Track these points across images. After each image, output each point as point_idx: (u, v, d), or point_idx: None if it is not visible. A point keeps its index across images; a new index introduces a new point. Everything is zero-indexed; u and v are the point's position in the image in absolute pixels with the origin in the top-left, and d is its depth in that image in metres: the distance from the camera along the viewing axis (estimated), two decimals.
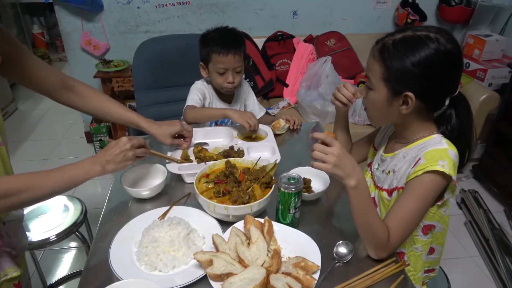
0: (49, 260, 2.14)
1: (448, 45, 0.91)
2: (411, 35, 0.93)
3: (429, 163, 0.93)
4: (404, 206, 0.94)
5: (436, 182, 0.93)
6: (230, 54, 1.49)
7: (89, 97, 1.23)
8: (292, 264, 0.90)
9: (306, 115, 2.49)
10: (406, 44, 0.92)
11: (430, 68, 0.91)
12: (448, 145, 0.96)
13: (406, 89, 0.93)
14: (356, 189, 0.90)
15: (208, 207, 1.05)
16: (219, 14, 2.85)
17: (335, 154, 0.88)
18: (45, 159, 3.09)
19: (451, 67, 0.94)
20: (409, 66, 0.91)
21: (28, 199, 0.91)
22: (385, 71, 0.94)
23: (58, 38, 4.90)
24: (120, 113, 1.27)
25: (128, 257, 0.96)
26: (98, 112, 1.26)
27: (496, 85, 2.68)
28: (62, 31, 2.79)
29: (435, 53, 0.90)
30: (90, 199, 1.90)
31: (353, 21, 3.00)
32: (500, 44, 2.76)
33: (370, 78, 1.00)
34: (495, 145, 2.66)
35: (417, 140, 1.03)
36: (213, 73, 1.56)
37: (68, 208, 1.62)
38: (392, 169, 1.06)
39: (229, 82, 1.54)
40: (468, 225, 2.36)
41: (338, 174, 0.89)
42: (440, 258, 1.15)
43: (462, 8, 2.87)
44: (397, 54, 0.92)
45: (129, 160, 1.08)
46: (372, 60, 0.98)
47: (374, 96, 1.00)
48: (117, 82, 2.74)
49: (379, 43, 0.97)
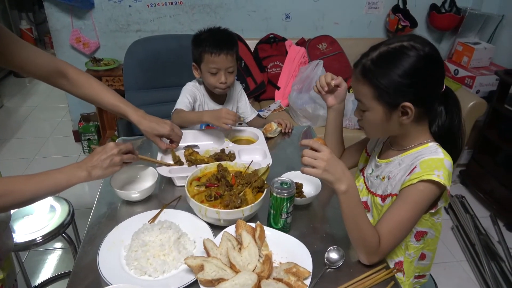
0: (34, 261, 2.10)
1: (426, 48, 0.92)
2: (387, 50, 0.94)
3: (425, 172, 0.93)
4: (397, 212, 0.95)
5: (430, 191, 0.94)
6: (223, 54, 1.48)
7: (82, 84, 1.21)
8: (283, 270, 0.89)
9: (297, 118, 2.50)
10: (386, 59, 0.93)
11: (417, 75, 0.92)
12: (444, 155, 0.97)
13: (402, 101, 0.94)
14: (346, 194, 0.90)
15: (199, 211, 1.04)
16: (212, 15, 2.84)
17: (324, 159, 0.89)
18: (31, 157, 3.03)
19: (435, 67, 0.95)
20: (397, 79, 0.92)
21: (8, 204, 0.89)
22: (375, 90, 0.95)
23: (47, 34, 4.82)
24: (112, 104, 1.25)
25: (117, 261, 0.94)
26: (90, 99, 1.25)
27: (483, 92, 2.73)
28: (51, 27, 2.75)
29: (417, 59, 0.91)
30: (77, 200, 1.86)
31: (345, 25, 3.02)
32: (488, 52, 2.80)
33: (361, 100, 1.00)
34: (482, 151, 2.71)
35: (413, 148, 1.03)
36: (206, 73, 1.55)
37: (55, 208, 1.59)
38: (387, 175, 1.07)
39: (221, 82, 1.53)
40: (455, 230, 2.40)
41: (328, 179, 0.90)
42: (431, 264, 1.16)
43: (452, 16, 2.92)
44: (380, 71, 0.93)
45: (116, 166, 1.06)
46: (357, 83, 0.99)
47: (371, 116, 1.00)
48: (107, 81, 2.70)
49: (358, 66, 0.98)
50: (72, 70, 1.20)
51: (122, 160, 1.07)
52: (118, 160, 1.05)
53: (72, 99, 2.99)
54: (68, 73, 1.18)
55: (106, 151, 1.04)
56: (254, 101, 2.84)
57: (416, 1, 2.96)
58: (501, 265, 2.06)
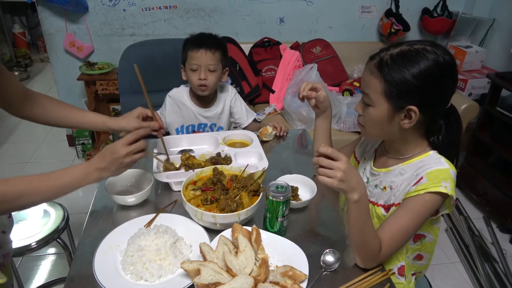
0: (28, 267, 2.08)
1: (446, 57, 0.92)
2: (408, 49, 0.93)
3: (432, 184, 0.93)
4: (400, 220, 0.95)
5: (436, 201, 0.94)
6: (202, 49, 1.53)
7: (53, 106, 1.18)
8: (280, 273, 0.90)
9: (292, 121, 2.51)
10: (405, 58, 0.92)
11: (430, 79, 0.91)
12: (449, 165, 0.97)
13: (408, 103, 0.93)
14: (358, 203, 0.90)
15: (195, 215, 1.04)
16: (206, 19, 2.84)
17: (341, 169, 0.87)
18: (24, 162, 3.01)
19: (449, 77, 0.94)
20: (411, 79, 0.91)
21: (23, 204, 0.90)
22: (386, 85, 0.93)
23: (40, 38, 4.81)
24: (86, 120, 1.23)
25: (113, 266, 0.94)
26: (65, 120, 1.21)
27: (475, 95, 2.76)
28: (44, 31, 2.74)
29: (435, 64, 0.90)
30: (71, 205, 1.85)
31: (338, 29, 3.04)
32: (479, 56, 2.84)
33: (368, 94, 0.98)
34: (475, 154, 2.74)
35: (413, 157, 1.03)
36: (188, 72, 1.60)
37: (49, 213, 1.58)
38: (388, 185, 1.06)
39: (200, 78, 1.55)
40: (449, 232, 2.41)
41: (342, 189, 0.89)
42: (428, 264, 1.17)
43: (444, 20, 2.95)
44: (397, 68, 0.92)
45: (127, 167, 1.04)
46: (369, 76, 0.96)
47: (374, 113, 0.98)
48: (101, 85, 2.70)
49: (375, 58, 0.96)
50: (41, 94, 1.18)
51: (133, 161, 1.04)
52: (129, 162, 1.03)
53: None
54: (37, 96, 1.16)
55: (115, 155, 1.01)
56: (249, 104, 2.84)
57: (409, 5, 2.99)
58: (494, 266, 2.08)
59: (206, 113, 1.70)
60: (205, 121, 1.71)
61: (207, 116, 1.70)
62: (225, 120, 1.75)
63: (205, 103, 1.70)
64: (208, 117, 1.71)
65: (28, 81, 4.48)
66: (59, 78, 2.91)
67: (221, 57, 1.58)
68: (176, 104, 1.69)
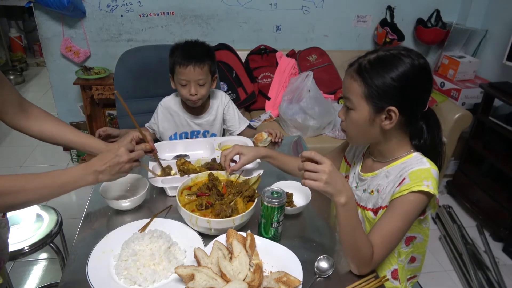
0: (19, 271, 2.05)
1: (421, 60, 0.97)
2: (385, 54, 0.98)
3: (415, 183, 0.95)
4: (389, 223, 0.96)
5: (420, 200, 0.96)
6: (191, 65, 1.49)
7: (45, 119, 1.16)
8: (274, 279, 0.90)
9: (287, 128, 2.52)
10: (383, 62, 0.96)
11: (408, 81, 0.95)
12: (430, 164, 1.00)
13: (388, 104, 0.96)
14: (346, 206, 0.91)
15: (190, 220, 1.04)
16: (203, 26, 2.86)
17: (326, 172, 0.89)
18: (18, 166, 2.99)
19: (426, 79, 0.99)
20: (389, 81, 0.94)
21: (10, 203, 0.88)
22: (366, 88, 0.97)
23: (36, 42, 4.81)
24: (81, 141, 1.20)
25: (106, 270, 0.94)
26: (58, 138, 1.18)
27: (469, 104, 2.80)
28: (41, 36, 2.74)
29: (411, 67, 0.95)
30: (65, 209, 1.84)
31: (334, 38, 3.08)
32: (472, 65, 2.88)
33: (350, 98, 1.01)
34: (468, 162, 2.76)
35: (397, 159, 1.05)
36: (177, 85, 1.57)
37: (42, 218, 1.57)
38: (375, 188, 1.08)
39: (191, 94, 1.54)
40: (442, 240, 2.42)
41: (329, 192, 0.90)
42: (421, 266, 1.18)
43: (438, 30, 3.00)
44: (375, 71, 0.96)
45: (125, 172, 1.06)
46: (350, 80, 1.00)
47: (356, 116, 1.01)
48: (97, 89, 2.69)
49: (354, 64, 1.00)
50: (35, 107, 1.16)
51: (131, 167, 1.06)
52: (127, 168, 1.05)
53: (61, 107, 2.98)
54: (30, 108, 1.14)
55: (118, 159, 1.02)
56: (245, 111, 2.85)
57: (403, 16, 3.04)
58: (487, 274, 2.09)
59: (199, 120, 1.70)
60: (197, 128, 1.71)
61: (199, 123, 1.70)
62: (218, 127, 1.75)
63: (197, 111, 1.69)
64: (201, 124, 1.70)
65: (23, 85, 4.47)
66: (55, 83, 2.90)
67: (210, 68, 1.55)
68: (168, 112, 1.69)
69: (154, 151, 1.31)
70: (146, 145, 1.28)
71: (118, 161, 1.02)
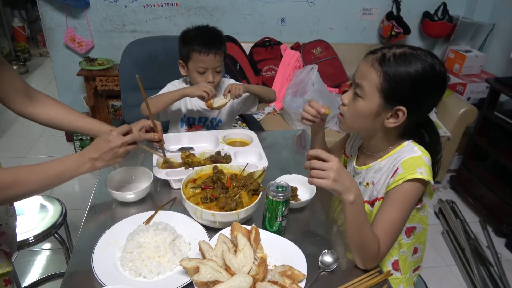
0: (24, 261, 2.07)
1: (442, 68, 0.95)
2: (410, 52, 0.95)
3: (408, 172, 0.95)
4: (388, 214, 0.96)
5: (416, 188, 0.96)
6: (212, 53, 1.48)
7: (52, 105, 1.17)
8: (278, 273, 0.90)
9: (291, 121, 2.51)
10: (408, 60, 0.93)
11: (426, 87, 0.94)
12: (422, 151, 0.99)
13: (400, 104, 0.95)
14: (354, 204, 0.90)
15: (195, 213, 1.04)
16: (207, 17, 2.84)
17: (334, 169, 0.88)
18: (21, 157, 3.00)
19: (440, 87, 0.97)
20: (408, 80, 0.92)
21: (13, 195, 0.89)
22: (384, 81, 0.94)
23: (39, 32, 4.79)
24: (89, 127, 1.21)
25: (111, 262, 0.94)
26: (62, 120, 1.19)
27: (474, 99, 2.78)
28: (45, 26, 2.73)
29: (431, 71, 0.93)
30: (69, 200, 1.85)
31: (339, 31, 3.05)
32: (479, 60, 2.86)
33: (363, 86, 0.97)
34: (472, 157, 2.75)
35: (390, 151, 1.05)
36: (193, 72, 1.54)
37: (47, 208, 1.57)
38: (370, 181, 1.08)
39: (208, 81, 1.53)
40: (445, 235, 2.42)
41: (337, 190, 0.89)
42: (423, 255, 1.19)
43: (444, 24, 2.96)
44: (397, 66, 0.93)
45: (121, 157, 1.05)
46: (369, 68, 0.96)
47: (363, 105, 0.99)
48: (100, 81, 2.69)
49: (377, 53, 0.97)
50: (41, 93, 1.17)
51: (126, 151, 1.05)
52: (122, 152, 1.04)
53: (64, 98, 2.97)
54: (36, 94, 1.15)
55: (110, 144, 1.02)
56: None
57: (410, 9, 3.00)
58: (490, 269, 2.09)
59: None
60: (206, 115, 1.70)
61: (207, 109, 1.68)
62: (225, 114, 1.73)
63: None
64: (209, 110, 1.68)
65: (26, 75, 4.46)
66: (58, 73, 2.90)
67: (225, 54, 1.56)
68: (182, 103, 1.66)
69: (161, 142, 1.30)
70: (154, 134, 1.27)
71: (110, 146, 1.01)
